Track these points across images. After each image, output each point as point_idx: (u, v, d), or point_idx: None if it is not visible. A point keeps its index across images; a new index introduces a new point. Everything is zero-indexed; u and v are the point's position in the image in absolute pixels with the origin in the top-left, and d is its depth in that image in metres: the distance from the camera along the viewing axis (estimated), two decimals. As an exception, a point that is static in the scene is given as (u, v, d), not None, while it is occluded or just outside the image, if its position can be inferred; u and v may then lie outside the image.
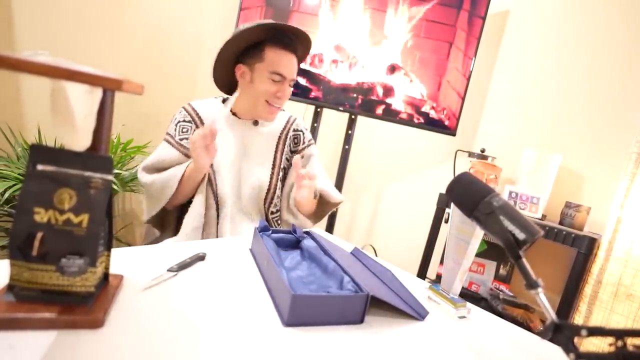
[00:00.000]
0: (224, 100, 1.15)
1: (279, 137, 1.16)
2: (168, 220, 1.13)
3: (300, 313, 0.50)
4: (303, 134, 1.20)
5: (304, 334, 0.49)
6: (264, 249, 0.66)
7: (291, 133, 1.18)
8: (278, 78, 1.03)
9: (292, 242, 0.80)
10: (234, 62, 1.07)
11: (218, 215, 1.04)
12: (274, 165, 1.14)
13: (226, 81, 1.12)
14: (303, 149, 1.19)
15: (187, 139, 1.07)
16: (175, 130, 1.08)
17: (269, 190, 1.10)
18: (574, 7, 1.55)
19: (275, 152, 1.15)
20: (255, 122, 1.12)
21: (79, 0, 1.74)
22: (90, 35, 1.80)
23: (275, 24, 1.00)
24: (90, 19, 1.79)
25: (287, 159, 1.18)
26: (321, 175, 1.18)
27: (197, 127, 1.08)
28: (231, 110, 1.12)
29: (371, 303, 0.56)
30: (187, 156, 1.04)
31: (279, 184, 1.14)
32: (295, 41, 1.04)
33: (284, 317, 0.50)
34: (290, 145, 1.18)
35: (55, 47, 1.72)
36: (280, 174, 1.15)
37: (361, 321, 0.55)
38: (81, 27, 1.77)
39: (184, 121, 1.09)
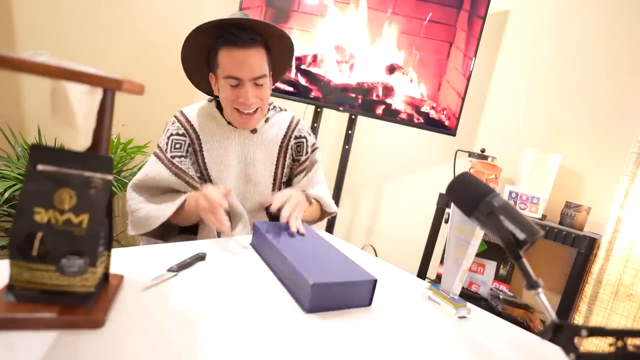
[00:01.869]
0: (218, 105, 1.02)
1: (280, 146, 1.06)
2: (171, 232, 1.04)
3: (320, 300, 0.55)
4: (306, 140, 1.09)
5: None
6: (269, 241, 0.69)
7: (293, 141, 1.08)
8: (234, 82, 0.89)
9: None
10: (207, 70, 0.97)
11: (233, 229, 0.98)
12: (274, 179, 1.06)
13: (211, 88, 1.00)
14: (307, 159, 1.09)
15: (180, 156, 0.96)
16: (167, 144, 0.96)
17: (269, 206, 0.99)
18: (574, 7, 1.55)
19: (276, 166, 1.05)
20: (254, 130, 1.01)
21: (79, 0, 1.74)
22: (91, 35, 1.80)
23: (214, 21, 0.84)
24: (90, 19, 1.79)
25: (290, 168, 1.10)
26: (321, 182, 1.13)
27: (191, 140, 0.97)
28: (225, 119, 1.00)
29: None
30: (179, 176, 0.94)
31: None
32: (246, 35, 0.87)
33: (305, 305, 0.55)
34: (292, 155, 1.09)
35: (55, 47, 1.72)
36: (282, 187, 1.09)
37: (369, 304, 0.61)
38: (81, 27, 1.77)
39: (177, 134, 0.97)
